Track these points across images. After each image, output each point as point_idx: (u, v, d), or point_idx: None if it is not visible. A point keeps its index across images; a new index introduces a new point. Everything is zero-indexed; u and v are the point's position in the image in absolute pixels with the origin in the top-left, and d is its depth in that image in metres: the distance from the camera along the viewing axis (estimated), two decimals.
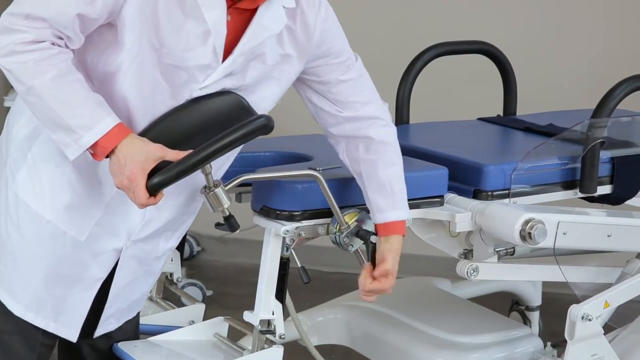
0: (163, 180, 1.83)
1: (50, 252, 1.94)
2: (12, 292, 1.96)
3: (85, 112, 1.79)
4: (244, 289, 3.90)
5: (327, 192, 2.05)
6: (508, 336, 2.55)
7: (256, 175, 2.07)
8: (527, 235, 2.13)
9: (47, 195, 1.92)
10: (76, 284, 1.98)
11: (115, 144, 1.80)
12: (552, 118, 2.81)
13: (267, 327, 2.13)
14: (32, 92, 1.78)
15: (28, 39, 1.75)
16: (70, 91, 1.79)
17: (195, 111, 1.92)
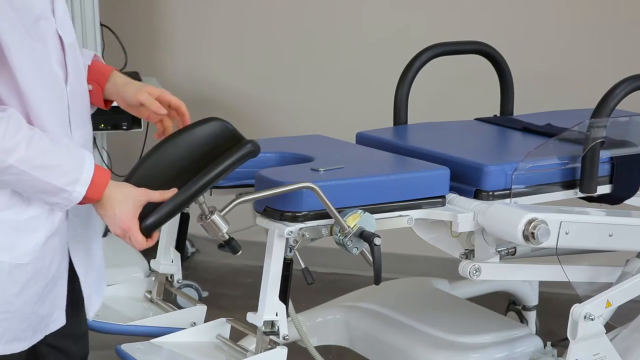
0: (156, 221, 1.87)
1: (37, 289, 1.87)
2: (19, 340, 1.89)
3: (66, 166, 1.79)
4: (239, 290, 3.91)
5: (324, 200, 2.04)
6: (508, 336, 2.56)
7: (251, 196, 2.07)
8: (530, 235, 2.14)
9: (15, 242, 1.83)
10: (57, 284, 1.93)
11: (100, 193, 1.82)
12: (549, 118, 2.81)
13: (270, 328, 2.12)
14: (11, 171, 1.74)
15: None
16: (44, 153, 1.76)
17: (181, 143, 1.93)
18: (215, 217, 1.97)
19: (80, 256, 1.99)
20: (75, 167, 1.80)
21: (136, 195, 1.86)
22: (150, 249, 2.03)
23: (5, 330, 1.87)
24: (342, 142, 2.55)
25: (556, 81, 3.84)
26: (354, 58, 3.88)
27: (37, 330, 1.93)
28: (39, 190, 1.79)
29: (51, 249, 1.88)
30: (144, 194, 1.87)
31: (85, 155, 1.83)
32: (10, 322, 1.87)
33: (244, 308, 2.47)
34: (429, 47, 2.84)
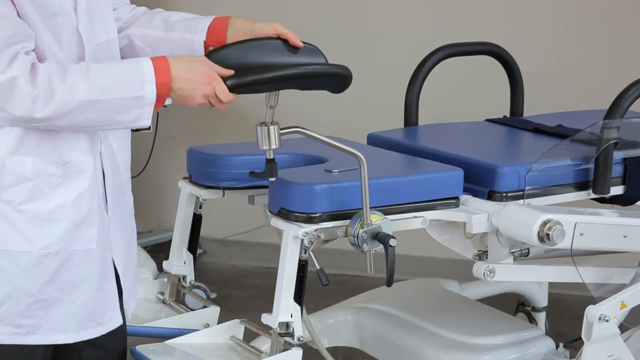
0: (241, 79, 1.88)
1: (71, 275, 1.90)
2: (56, 330, 1.91)
3: (128, 75, 1.82)
4: (247, 292, 3.91)
5: (364, 179, 2.04)
6: (520, 337, 2.56)
7: (310, 132, 2.06)
8: (546, 236, 2.13)
9: (41, 232, 1.86)
10: (106, 279, 1.95)
11: (168, 76, 1.83)
12: (559, 119, 2.81)
13: (285, 330, 2.12)
14: (83, 106, 1.78)
15: (25, 76, 1.73)
16: (102, 74, 1.80)
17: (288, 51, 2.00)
18: (273, 129, 1.99)
19: (121, 254, 2.01)
20: (135, 72, 1.83)
21: (201, 59, 1.89)
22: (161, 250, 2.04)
23: (43, 319, 1.89)
24: (354, 143, 2.54)
25: (563, 82, 3.84)
26: (363, 59, 3.88)
27: (87, 327, 1.93)
28: (117, 110, 1.81)
29: (85, 237, 1.90)
30: (207, 60, 1.90)
31: (138, 59, 1.85)
32: (48, 311, 1.89)
33: (252, 309, 2.48)
34: (439, 48, 2.84)
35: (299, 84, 1.98)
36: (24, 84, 1.74)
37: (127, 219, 2.05)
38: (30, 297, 1.88)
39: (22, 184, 1.84)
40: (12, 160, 1.84)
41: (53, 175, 1.86)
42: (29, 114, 1.76)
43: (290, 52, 2.02)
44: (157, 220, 4.23)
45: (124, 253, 2.02)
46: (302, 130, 2.06)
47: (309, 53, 2.04)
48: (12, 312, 1.88)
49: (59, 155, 1.87)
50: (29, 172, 1.85)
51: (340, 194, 2.11)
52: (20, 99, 1.74)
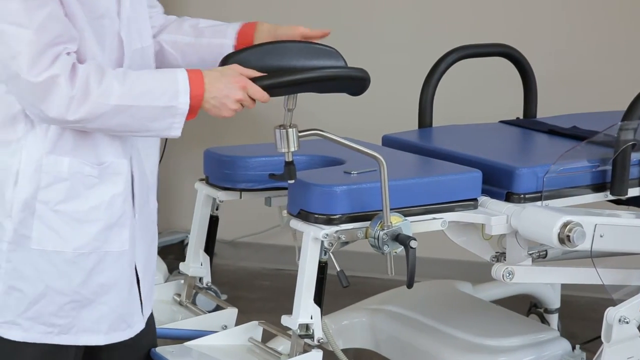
0: (273, 80, 1.91)
1: (104, 277, 1.91)
2: (87, 329, 1.93)
3: (163, 85, 1.83)
4: (257, 293, 3.91)
5: (385, 180, 2.04)
6: (536, 339, 2.55)
7: (329, 134, 2.07)
8: (566, 238, 2.13)
9: (75, 233, 1.88)
10: (132, 282, 1.97)
11: (202, 87, 1.84)
12: (573, 120, 2.81)
13: (305, 331, 2.12)
14: (116, 111, 1.80)
15: (65, 76, 1.75)
16: (137, 82, 1.82)
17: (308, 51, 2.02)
18: (292, 132, 1.99)
19: (141, 259, 2.01)
20: (170, 82, 1.85)
21: (231, 66, 1.91)
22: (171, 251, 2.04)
23: (76, 320, 1.91)
24: (370, 145, 2.54)
25: (575, 83, 3.83)
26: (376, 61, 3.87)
27: (116, 329, 1.95)
28: (149, 118, 1.83)
29: (116, 239, 1.91)
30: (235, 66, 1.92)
31: (174, 70, 1.87)
32: (80, 312, 1.91)
33: (263, 311, 2.49)
34: (453, 49, 2.84)
35: (320, 86, 1.98)
36: (63, 84, 1.76)
37: (150, 224, 2.06)
38: (64, 297, 1.90)
39: (59, 184, 1.86)
40: (48, 160, 1.86)
41: (89, 176, 1.88)
42: (62, 116, 1.78)
43: (308, 55, 2.02)
44: (165, 221, 4.22)
45: (145, 258, 2.03)
46: (320, 133, 2.06)
47: (328, 56, 2.04)
48: (46, 312, 1.90)
49: (95, 156, 1.89)
50: (65, 172, 1.86)
51: (359, 196, 2.11)
52: (57, 99, 1.76)
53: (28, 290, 1.89)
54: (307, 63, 1.99)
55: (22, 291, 1.89)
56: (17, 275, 1.89)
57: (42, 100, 1.76)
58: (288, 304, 3.77)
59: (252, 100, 1.89)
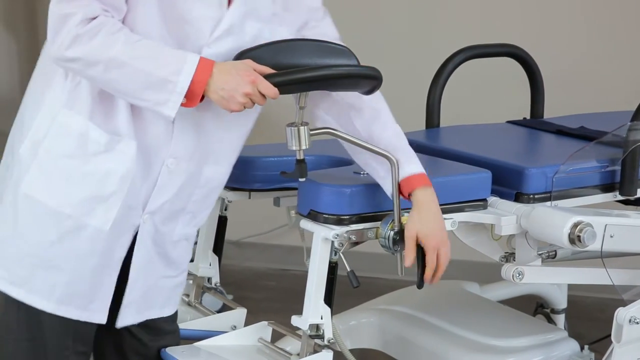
0: (284, 77, 1.89)
1: (76, 246, 1.92)
2: (39, 291, 1.94)
3: (168, 59, 1.81)
4: (262, 293, 3.91)
5: (395, 180, 2.04)
6: (544, 339, 2.55)
7: (341, 133, 2.06)
8: (577, 238, 2.13)
9: (63, 189, 1.90)
10: (104, 270, 1.97)
11: (209, 74, 1.82)
12: (581, 121, 2.81)
13: (315, 332, 2.11)
14: (112, 64, 1.79)
15: (80, 17, 1.78)
16: (145, 47, 1.81)
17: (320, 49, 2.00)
18: (303, 129, 1.98)
19: (139, 263, 2.01)
20: (177, 59, 1.82)
21: (245, 61, 1.88)
22: None
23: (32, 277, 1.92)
24: None
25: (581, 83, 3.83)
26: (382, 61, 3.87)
27: (68, 303, 1.95)
28: (144, 84, 1.81)
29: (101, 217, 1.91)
30: (248, 61, 1.88)
31: (190, 53, 1.84)
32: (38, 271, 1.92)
33: (268, 311, 2.48)
34: (460, 50, 2.84)
35: (332, 85, 1.98)
36: (74, 22, 1.78)
37: (166, 239, 2.04)
38: (29, 249, 1.92)
39: (66, 138, 1.89)
40: (63, 113, 1.89)
41: (96, 142, 1.89)
42: (61, 51, 1.80)
43: (321, 53, 2.02)
44: None
45: (144, 264, 2.02)
46: (332, 131, 2.06)
47: (341, 54, 2.04)
48: (10, 254, 1.94)
49: (109, 126, 1.90)
50: (75, 129, 1.89)
51: (369, 196, 2.11)
52: (64, 33, 1.78)
53: (3, 229, 1.94)
54: (319, 61, 1.98)
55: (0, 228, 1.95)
56: (2, 212, 1.94)
57: (55, 33, 1.80)
58: (294, 304, 3.77)
59: (261, 96, 1.87)
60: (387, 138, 2.07)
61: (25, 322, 1.97)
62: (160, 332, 2.15)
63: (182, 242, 2.09)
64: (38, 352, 1.98)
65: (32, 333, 1.97)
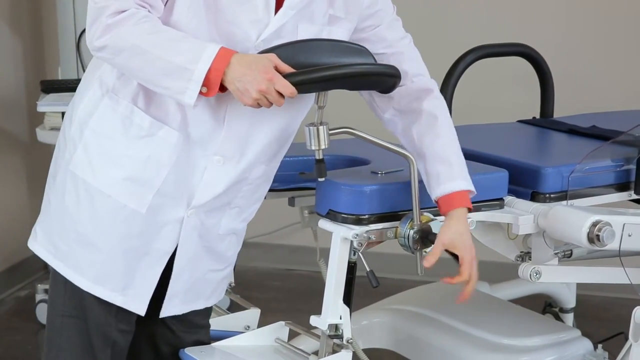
0: (302, 76, 1.89)
1: (113, 226, 1.96)
2: (78, 269, 1.98)
3: (188, 47, 1.83)
4: (268, 293, 3.91)
5: (415, 179, 2.05)
6: (557, 339, 2.55)
7: (360, 132, 2.06)
8: (596, 237, 2.13)
9: (105, 170, 1.95)
10: (144, 257, 1.99)
11: (226, 62, 1.82)
12: (591, 120, 2.82)
13: (334, 332, 2.11)
14: (135, 51, 1.82)
15: (112, 9, 1.81)
16: (167, 36, 1.83)
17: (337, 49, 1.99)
18: (323, 129, 1.98)
19: (185, 255, 2.02)
20: (196, 48, 1.84)
21: (265, 55, 1.88)
22: None
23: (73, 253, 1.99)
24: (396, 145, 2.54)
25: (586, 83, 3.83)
26: None
27: (105, 285, 1.98)
28: (163, 71, 1.83)
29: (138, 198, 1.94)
30: (272, 56, 1.88)
31: (210, 43, 1.85)
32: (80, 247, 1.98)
33: (276, 311, 2.48)
34: (471, 49, 2.84)
35: (350, 83, 1.97)
36: (106, 14, 1.82)
37: (213, 233, 2.05)
38: (71, 224, 1.97)
39: (110, 120, 1.94)
40: (110, 97, 1.95)
41: (138, 126, 1.93)
42: (91, 41, 1.85)
43: (339, 52, 2.01)
44: None
45: (190, 258, 2.03)
46: (351, 131, 2.06)
47: (358, 53, 2.03)
48: (54, 229, 2.00)
49: (152, 112, 1.93)
50: (120, 112, 1.93)
51: (388, 196, 2.11)
52: (96, 24, 1.83)
53: (53, 204, 2.01)
54: (337, 60, 1.98)
55: (49, 202, 2.03)
56: (53, 188, 2.02)
57: (90, 26, 1.85)
58: (300, 304, 3.78)
59: (278, 95, 1.85)
60: (437, 148, 2.08)
61: (69, 297, 2.01)
62: (194, 326, 2.16)
63: (229, 236, 2.10)
64: (81, 328, 2.01)
65: (76, 309, 2.01)
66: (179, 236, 2.01)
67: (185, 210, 1.99)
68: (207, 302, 2.15)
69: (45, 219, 2.05)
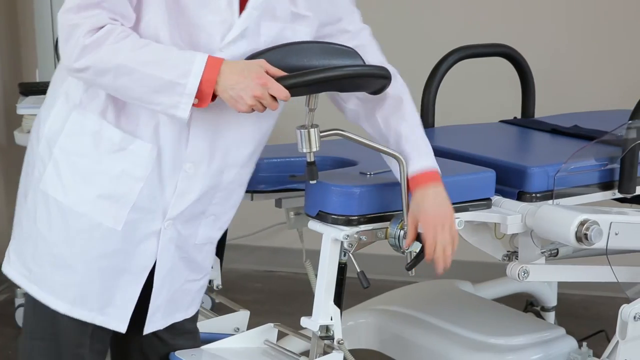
0: (295, 79, 1.89)
1: (88, 245, 1.92)
2: (54, 291, 1.94)
3: (176, 61, 1.80)
4: (250, 295, 3.89)
5: (404, 179, 2.05)
6: (543, 337, 2.56)
7: (350, 134, 2.05)
8: (583, 236, 2.15)
9: (77, 188, 1.90)
10: (123, 274, 1.96)
11: (217, 72, 1.80)
12: (572, 120, 2.84)
13: (325, 333, 2.11)
14: (121, 71, 1.78)
15: (87, 28, 1.77)
16: (152, 51, 1.80)
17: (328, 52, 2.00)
18: (314, 132, 1.98)
19: (163, 269, 2.00)
20: (185, 61, 1.81)
21: (255, 61, 1.87)
22: None
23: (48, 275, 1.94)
24: None
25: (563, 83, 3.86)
26: None
27: (82, 306, 1.95)
28: (153, 88, 1.80)
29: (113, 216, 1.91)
30: (262, 61, 1.87)
31: (197, 54, 1.83)
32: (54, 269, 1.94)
33: (258, 313, 2.47)
34: (454, 50, 2.85)
35: (342, 85, 1.98)
36: (81, 33, 1.77)
37: (191, 244, 2.03)
38: (44, 246, 1.93)
39: (80, 137, 1.90)
40: (78, 112, 1.90)
41: (109, 140, 1.89)
42: (70, 62, 1.80)
43: (328, 54, 2.02)
44: None
45: (168, 270, 2.01)
46: (342, 133, 2.06)
47: (348, 55, 2.04)
48: (27, 252, 1.96)
49: (122, 125, 1.89)
50: (89, 128, 1.89)
51: (378, 196, 2.11)
52: (72, 44, 1.78)
53: (25, 227, 1.97)
54: (328, 62, 1.98)
55: (20, 225, 1.99)
56: (25, 209, 1.97)
57: (63, 44, 1.81)
58: (283, 305, 3.77)
59: (272, 99, 1.85)
60: (403, 130, 2.07)
61: (39, 320, 1.97)
62: (182, 332, 2.15)
63: (207, 245, 2.08)
64: (51, 351, 1.98)
65: (46, 332, 1.97)
66: (157, 250, 1.98)
67: (161, 222, 1.96)
68: (186, 314, 2.12)
69: (17, 242, 2.01)
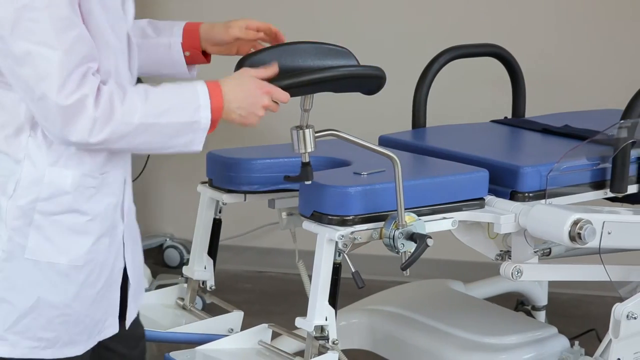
0: (293, 80, 1.91)
1: (94, 290, 1.88)
2: (70, 343, 1.88)
3: (182, 99, 1.81)
4: (241, 296, 3.89)
5: (399, 179, 2.05)
6: (535, 336, 2.57)
7: (345, 135, 2.06)
8: (577, 235, 2.15)
9: (70, 243, 1.84)
10: (112, 286, 1.94)
11: (221, 97, 1.82)
12: (563, 119, 2.85)
13: (320, 333, 2.11)
14: (140, 129, 1.76)
15: (93, 96, 1.71)
16: (159, 98, 1.79)
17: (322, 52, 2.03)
18: (309, 132, 1.99)
19: (131, 261, 1.98)
20: (191, 96, 1.82)
21: (243, 72, 1.90)
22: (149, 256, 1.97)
23: (61, 333, 1.87)
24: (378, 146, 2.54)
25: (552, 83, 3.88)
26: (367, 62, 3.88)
27: (91, 335, 1.92)
28: (172, 134, 1.80)
29: (104, 249, 1.88)
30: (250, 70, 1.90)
31: (193, 82, 1.85)
32: (67, 326, 1.87)
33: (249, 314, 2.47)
34: (445, 50, 2.86)
35: (338, 85, 1.99)
36: (90, 105, 1.71)
37: (134, 226, 2.01)
38: (54, 311, 1.84)
39: (60, 197, 1.81)
40: (51, 172, 1.81)
41: (90, 188, 1.84)
42: (84, 139, 1.73)
43: (322, 55, 2.02)
44: (144, 225, 4.18)
45: (132, 259, 1.99)
46: (336, 133, 2.06)
47: (342, 55, 2.04)
48: (34, 325, 1.84)
49: (98, 167, 1.85)
50: (69, 185, 1.82)
51: (372, 196, 2.12)
52: (82, 121, 1.71)
53: (18, 303, 1.83)
54: (322, 63, 1.99)
55: (12, 303, 1.82)
56: (8, 286, 1.82)
57: (67, 123, 1.71)
58: (273, 306, 3.77)
59: (276, 105, 1.89)
60: (154, 24, 2.10)
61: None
62: (135, 338, 2.10)
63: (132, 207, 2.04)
64: None
65: None
66: (123, 247, 1.95)
67: (122, 224, 1.94)
68: (142, 294, 2.09)
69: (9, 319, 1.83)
